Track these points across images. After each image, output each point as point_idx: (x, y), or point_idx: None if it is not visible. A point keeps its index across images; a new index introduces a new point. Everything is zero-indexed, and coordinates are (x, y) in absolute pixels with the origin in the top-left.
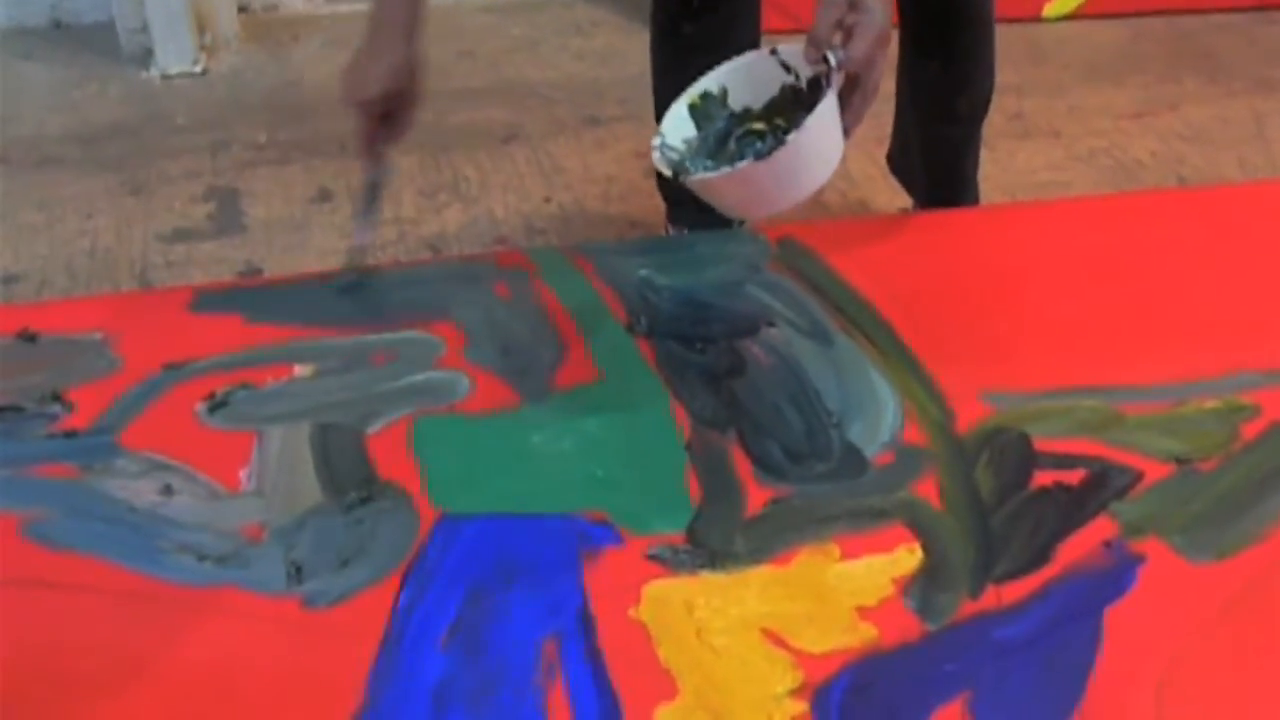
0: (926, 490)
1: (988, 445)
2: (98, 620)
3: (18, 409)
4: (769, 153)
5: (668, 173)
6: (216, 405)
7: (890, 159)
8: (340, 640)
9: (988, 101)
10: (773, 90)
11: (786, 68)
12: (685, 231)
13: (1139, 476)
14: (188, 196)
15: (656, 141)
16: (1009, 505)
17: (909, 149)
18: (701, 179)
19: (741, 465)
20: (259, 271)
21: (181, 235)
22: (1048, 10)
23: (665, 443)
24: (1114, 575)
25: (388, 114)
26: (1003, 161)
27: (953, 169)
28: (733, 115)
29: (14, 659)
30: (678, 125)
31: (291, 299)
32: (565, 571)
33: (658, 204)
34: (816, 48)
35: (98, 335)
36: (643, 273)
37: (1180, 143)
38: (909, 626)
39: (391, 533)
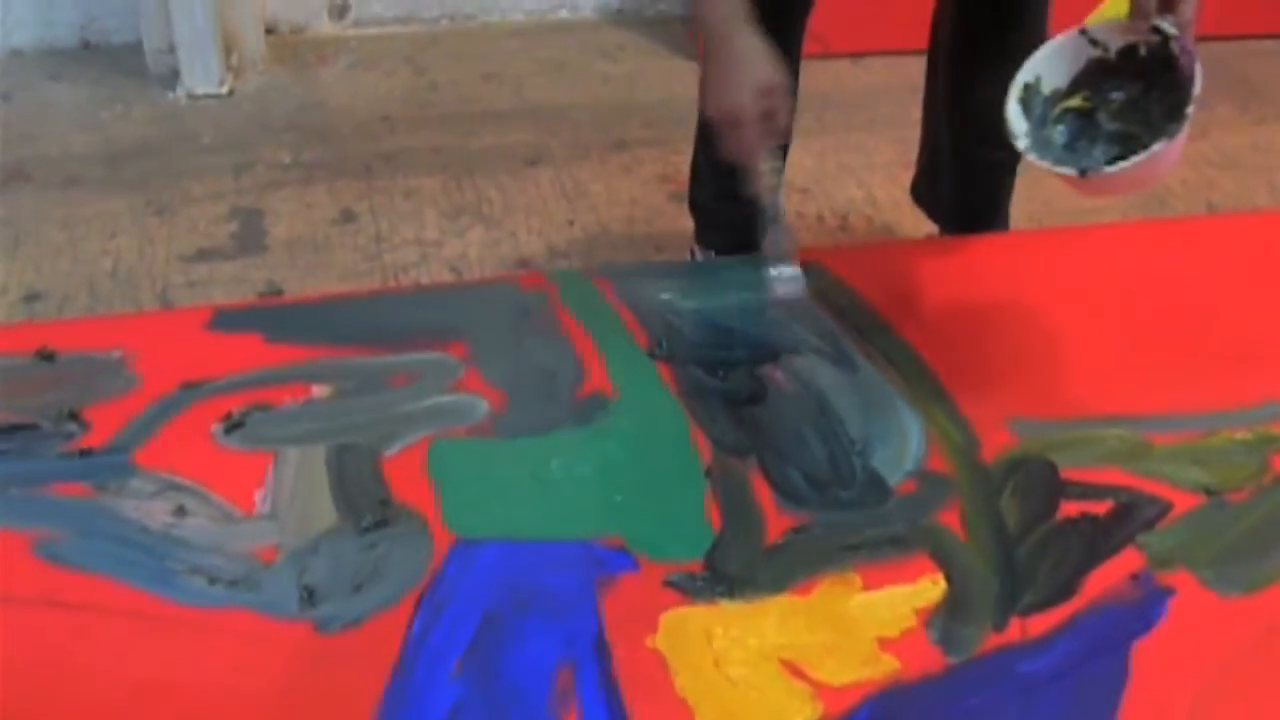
0: (950, 520)
1: (1013, 474)
2: (108, 641)
3: (34, 428)
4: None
5: (1072, 172)
6: (233, 426)
7: (915, 187)
8: (352, 665)
9: None
10: (1078, 66)
11: (1095, 43)
12: (712, 255)
13: (1168, 508)
14: (211, 216)
15: (1023, 145)
16: (1034, 536)
17: (939, 176)
18: (1117, 170)
19: (762, 492)
20: (280, 292)
21: (204, 255)
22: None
23: (685, 469)
24: (1142, 608)
25: (765, 113)
26: (1031, 189)
27: (991, 196)
28: (1045, 99)
29: (24, 678)
30: (1017, 122)
31: (311, 319)
32: (581, 599)
33: (682, 228)
34: (1145, 18)
35: (116, 354)
36: (665, 296)
37: (1211, 169)
38: (931, 659)
39: (406, 557)
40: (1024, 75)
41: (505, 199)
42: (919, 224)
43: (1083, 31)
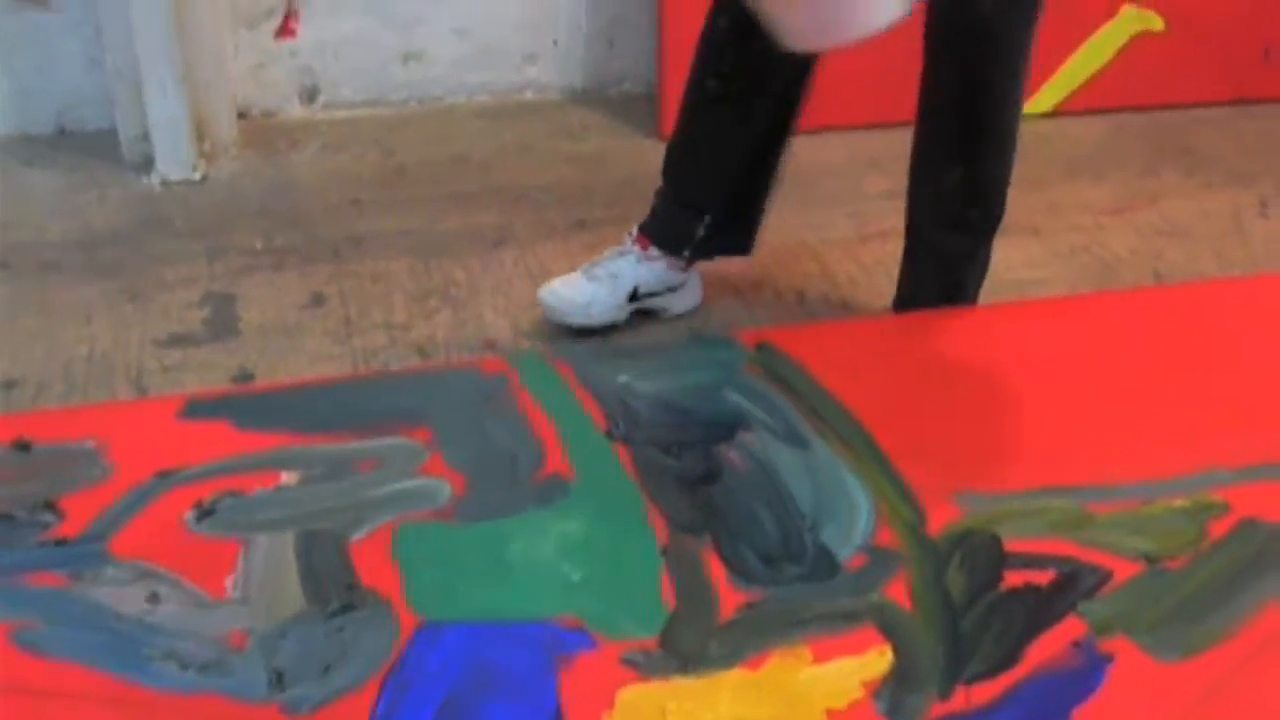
0: (898, 592)
1: (959, 547)
2: None
3: (10, 518)
4: None
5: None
6: (204, 513)
7: (897, 304)
8: None
9: (998, 218)
10: None
11: None
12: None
13: (1108, 576)
14: (184, 302)
15: None
16: (979, 606)
17: (919, 280)
18: None
19: (716, 570)
20: (252, 377)
21: (177, 341)
22: (1029, 106)
23: (641, 548)
24: (1083, 675)
25: None
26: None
27: (956, 281)
28: None
29: None
30: None
31: (280, 407)
32: (541, 678)
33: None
34: None
35: (91, 443)
36: (622, 378)
37: (1159, 238)
38: None
39: (372, 640)
40: None
41: (471, 280)
42: (874, 299)
43: None
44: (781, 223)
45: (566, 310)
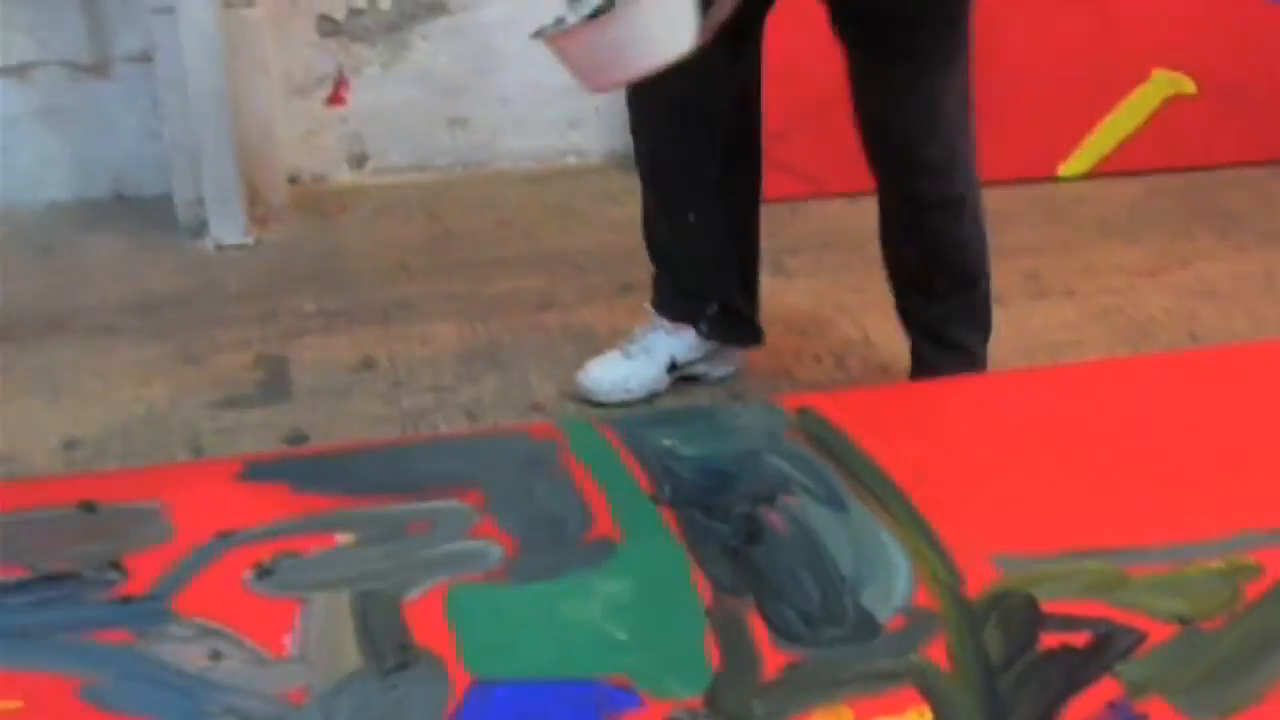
0: (936, 653)
1: (996, 608)
2: None
3: (77, 576)
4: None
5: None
6: (264, 573)
7: (912, 374)
8: None
9: (972, 277)
10: None
11: None
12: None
13: (1143, 637)
14: (238, 364)
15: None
16: (1016, 667)
17: (916, 348)
18: (546, 35)
19: (759, 631)
20: (305, 438)
21: (232, 402)
22: (1063, 169)
23: (686, 608)
24: None
25: None
26: (1018, 321)
27: (941, 340)
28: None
29: None
30: (579, 12)
31: (334, 469)
32: None
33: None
34: None
35: (153, 504)
36: (666, 443)
37: (1193, 299)
38: None
39: (426, 697)
40: None
41: (517, 344)
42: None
43: None
44: (821, 286)
45: (608, 391)
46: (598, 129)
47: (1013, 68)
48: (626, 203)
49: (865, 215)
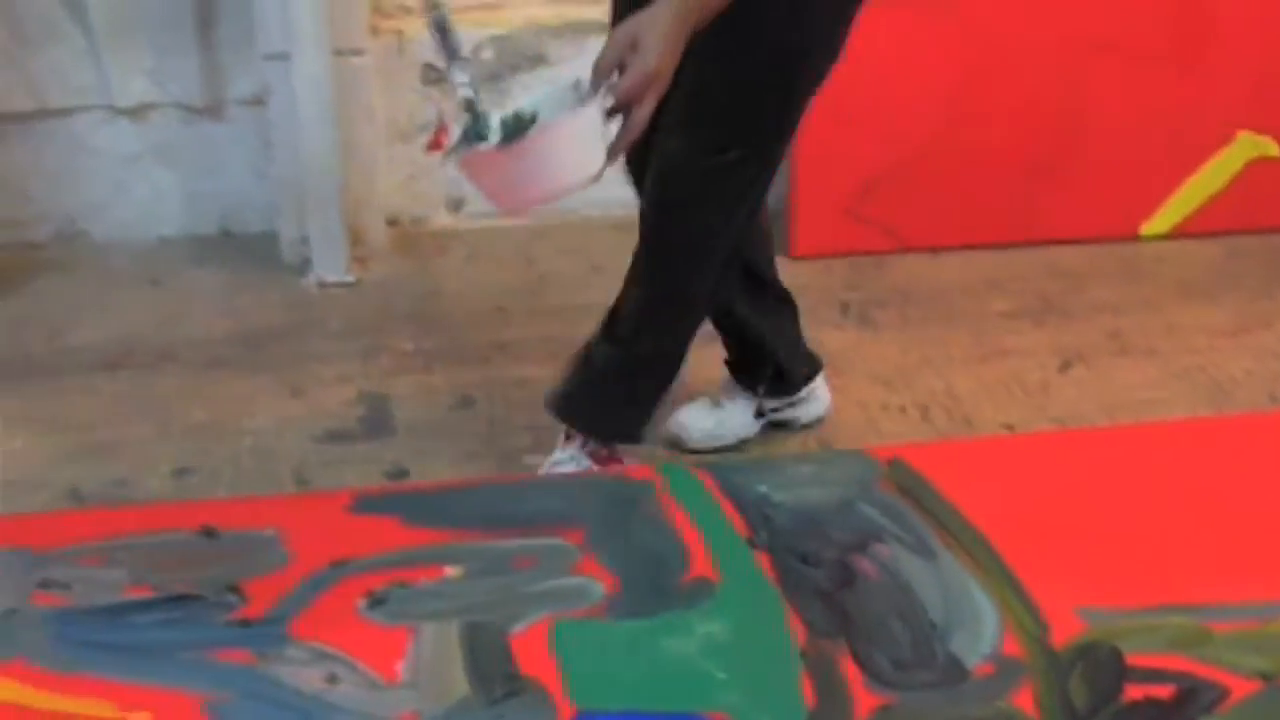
0: (1023, 701)
1: (1082, 658)
2: None
3: (199, 598)
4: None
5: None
6: (376, 602)
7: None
8: None
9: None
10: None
11: (584, 98)
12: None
13: (1226, 693)
14: (341, 399)
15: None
16: (1101, 717)
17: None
18: (458, 156)
19: (851, 673)
20: (406, 473)
21: (335, 436)
22: (1145, 229)
23: (782, 649)
24: None
25: None
26: (1102, 379)
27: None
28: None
29: None
30: (485, 130)
31: (443, 504)
32: None
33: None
34: (595, 76)
35: (270, 532)
36: (761, 489)
37: (1275, 360)
38: None
39: None
40: (525, 103)
41: None
42: (997, 415)
43: (577, 84)
44: (905, 339)
45: (698, 439)
46: None
47: (1096, 128)
48: None
49: (948, 269)
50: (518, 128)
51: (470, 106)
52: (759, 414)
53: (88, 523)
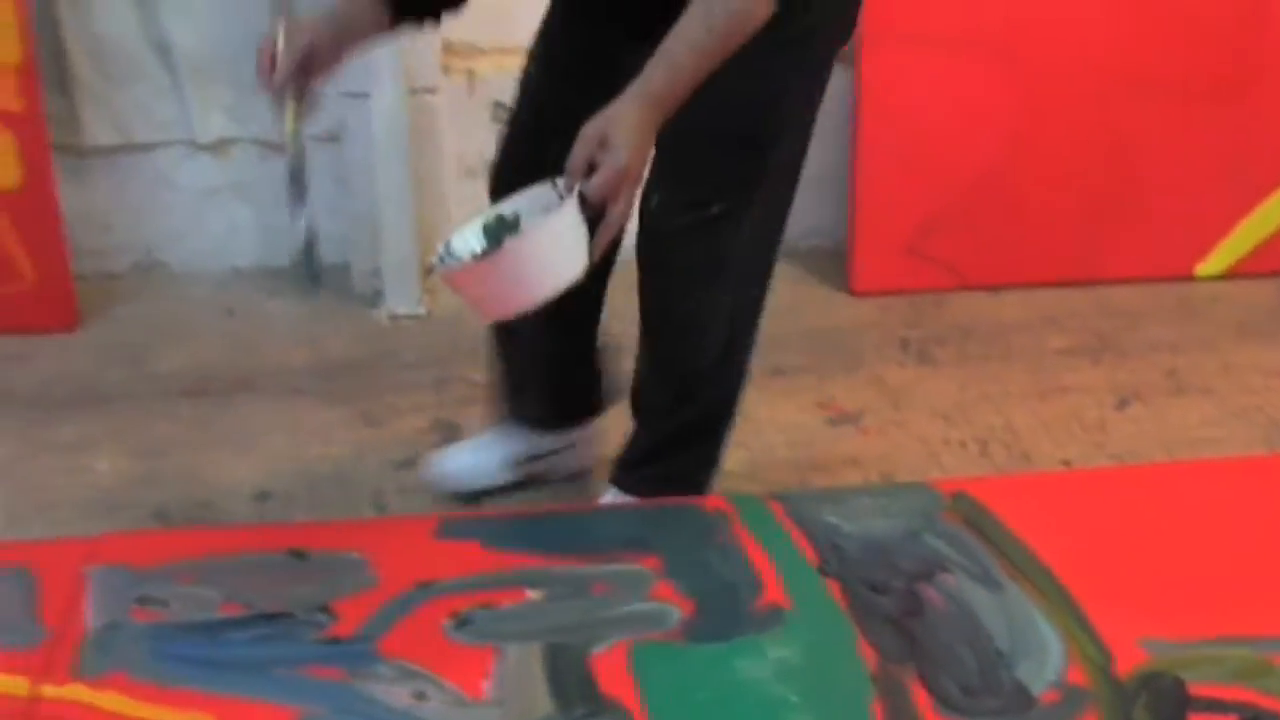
0: None
1: (1146, 688)
2: None
3: (291, 616)
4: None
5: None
6: (461, 622)
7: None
8: None
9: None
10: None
11: (563, 198)
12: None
13: None
14: (415, 428)
15: (440, 250)
16: None
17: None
18: (441, 271)
19: (921, 698)
20: (479, 500)
21: (411, 463)
22: (1200, 269)
23: (853, 674)
24: None
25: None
26: (1159, 417)
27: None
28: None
29: None
30: (468, 241)
31: (523, 530)
32: None
33: (839, 451)
34: (569, 177)
35: (357, 555)
36: (831, 520)
37: None
38: None
39: None
40: (502, 208)
41: None
42: (1056, 451)
43: (554, 184)
44: (965, 375)
45: (453, 480)
46: None
47: (1152, 169)
48: (777, 289)
49: (1006, 307)
50: (500, 231)
51: (309, 242)
52: (518, 461)
53: (182, 543)
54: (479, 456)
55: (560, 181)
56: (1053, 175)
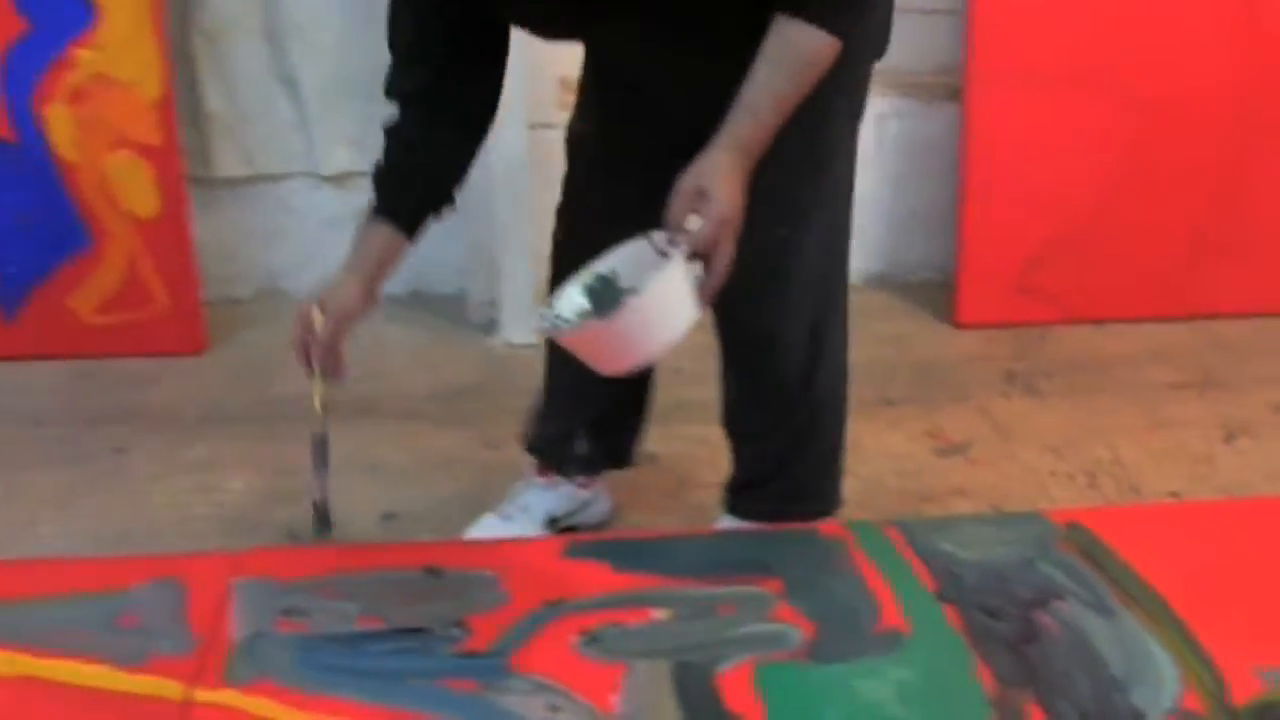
0: None
1: (1262, 717)
2: None
3: (427, 631)
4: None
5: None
6: (591, 639)
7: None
8: None
9: None
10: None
11: (662, 252)
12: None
13: None
14: None
15: (549, 313)
16: None
17: None
18: (556, 332)
19: None
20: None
21: None
22: None
23: (973, 697)
24: None
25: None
26: (1266, 451)
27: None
28: (624, 293)
29: None
30: (574, 301)
31: (649, 552)
32: None
33: (948, 481)
34: (671, 230)
35: (489, 572)
36: (947, 548)
37: None
38: None
39: None
40: (598, 266)
41: None
42: (1164, 484)
43: (649, 238)
44: (1072, 408)
45: None
46: (859, 250)
47: (1259, 203)
48: (887, 320)
49: (1112, 340)
50: (606, 293)
51: (322, 508)
52: (552, 522)
53: (322, 559)
54: (510, 528)
55: (656, 236)
56: (1159, 209)
